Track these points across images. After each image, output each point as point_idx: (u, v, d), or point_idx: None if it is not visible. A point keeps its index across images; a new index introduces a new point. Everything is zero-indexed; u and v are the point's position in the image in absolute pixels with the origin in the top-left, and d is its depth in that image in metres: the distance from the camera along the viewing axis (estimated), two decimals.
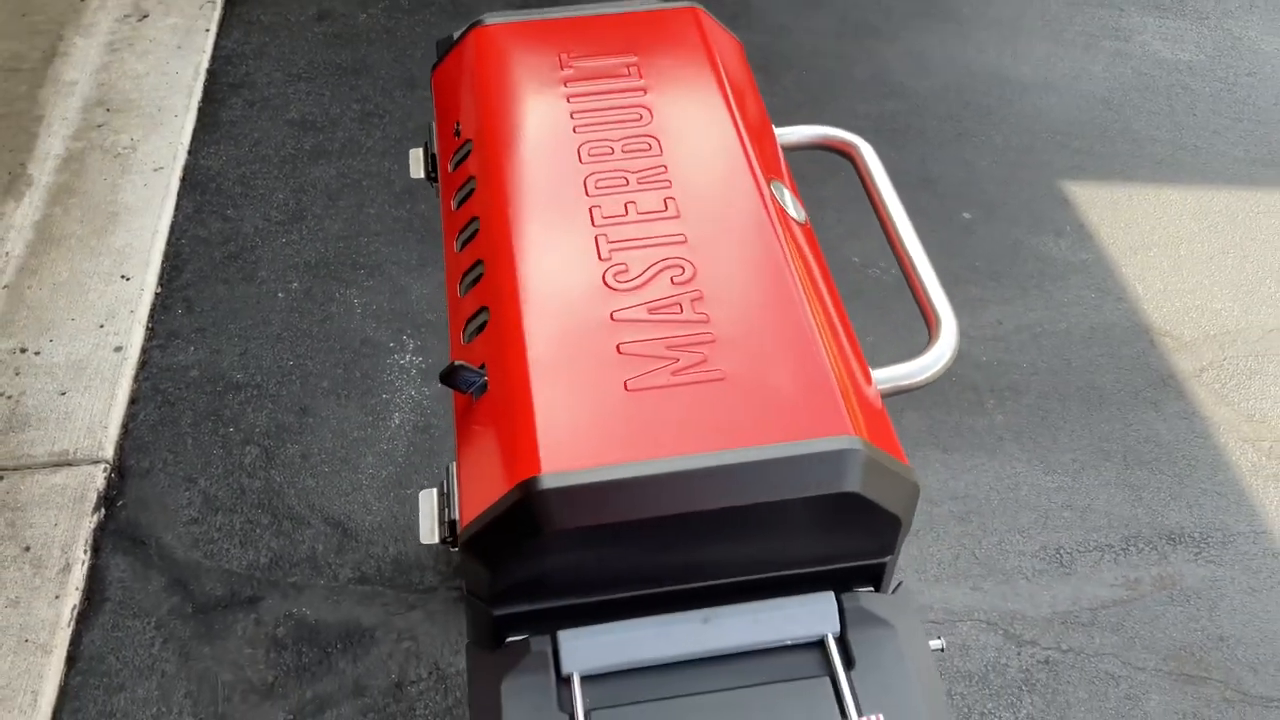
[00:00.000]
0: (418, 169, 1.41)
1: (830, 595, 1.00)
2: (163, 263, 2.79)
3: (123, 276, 2.69)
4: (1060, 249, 3.05)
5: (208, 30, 3.46)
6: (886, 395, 1.09)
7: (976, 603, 2.25)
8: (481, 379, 1.01)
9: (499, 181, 1.16)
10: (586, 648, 0.97)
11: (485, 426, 0.99)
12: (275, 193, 3.03)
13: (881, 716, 0.92)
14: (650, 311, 1.03)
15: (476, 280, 1.11)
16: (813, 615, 0.99)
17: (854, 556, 1.00)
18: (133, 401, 2.49)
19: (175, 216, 2.91)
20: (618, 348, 1.01)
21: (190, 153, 3.10)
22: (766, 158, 1.22)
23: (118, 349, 2.53)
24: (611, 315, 1.03)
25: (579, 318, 1.03)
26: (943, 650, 1.02)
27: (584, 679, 0.96)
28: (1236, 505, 2.46)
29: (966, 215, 3.12)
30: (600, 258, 1.08)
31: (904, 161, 3.25)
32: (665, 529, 0.92)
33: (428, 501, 1.05)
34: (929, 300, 1.18)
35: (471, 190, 1.19)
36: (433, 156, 1.38)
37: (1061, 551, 2.36)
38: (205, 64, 3.36)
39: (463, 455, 1.01)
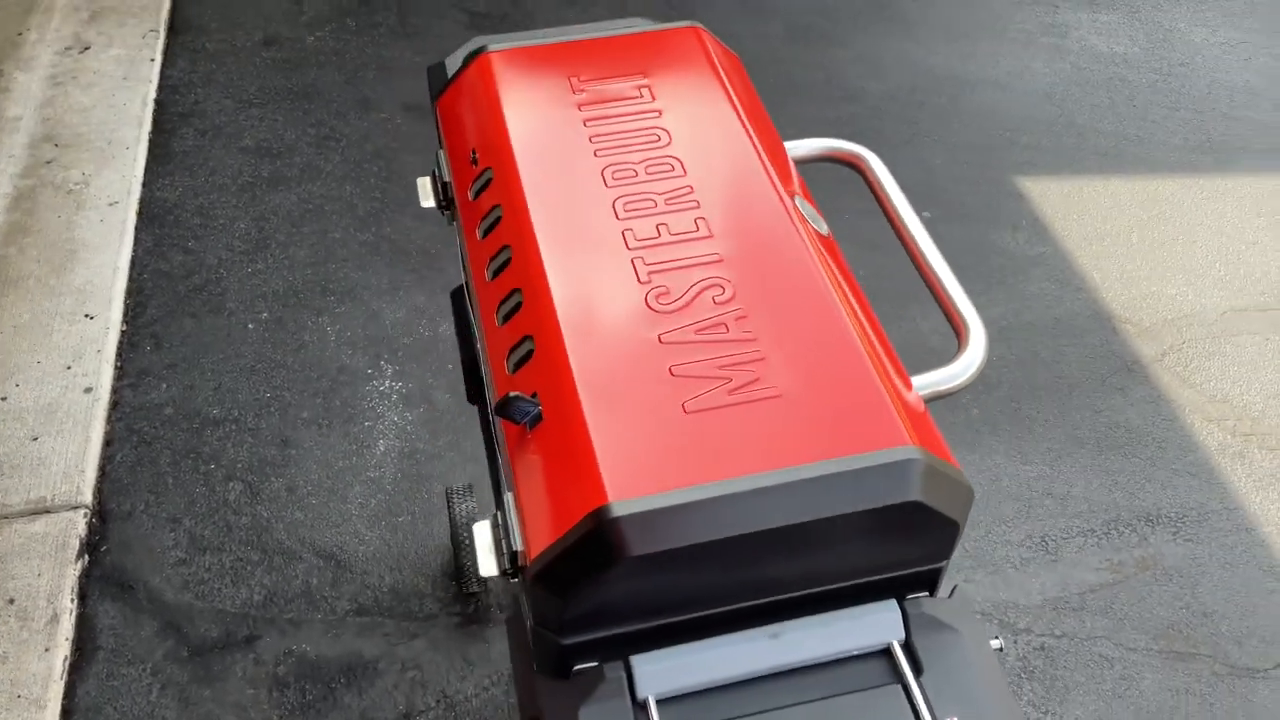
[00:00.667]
0: (427, 198, 1.40)
1: (893, 603, 1.01)
2: (126, 299, 2.73)
3: (86, 315, 2.63)
4: (1019, 243, 3.13)
5: (152, 60, 3.40)
6: (926, 401, 1.11)
7: (970, 595, 2.29)
8: (536, 409, 1.01)
9: (528, 209, 1.16)
10: (660, 671, 0.97)
11: (544, 456, 0.99)
12: (236, 222, 2.98)
13: None
14: (697, 332, 1.04)
15: (516, 309, 1.11)
16: (878, 624, 1.00)
17: (912, 563, 1.02)
18: (108, 443, 2.43)
19: (135, 251, 2.85)
20: (670, 370, 1.01)
21: (145, 185, 3.04)
22: (784, 174, 1.24)
23: (88, 390, 2.47)
24: (659, 338, 1.04)
25: (627, 342, 1.03)
26: (1001, 650, 1.04)
27: (659, 702, 0.96)
28: (1208, 484, 2.54)
29: (927, 214, 3.18)
30: (640, 281, 1.09)
31: None
32: (734, 549, 0.93)
33: (483, 534, 1.04)
34: (955, 307, 1.20)
35: (498, 218, 1.19)
36: (443, 185, 1.37)
37: (1046, 539, 2.41)
38: (152, 94, 3.30)
39: (522, 486, 1.00)
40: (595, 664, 0.99)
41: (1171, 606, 2.30)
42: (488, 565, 1.03)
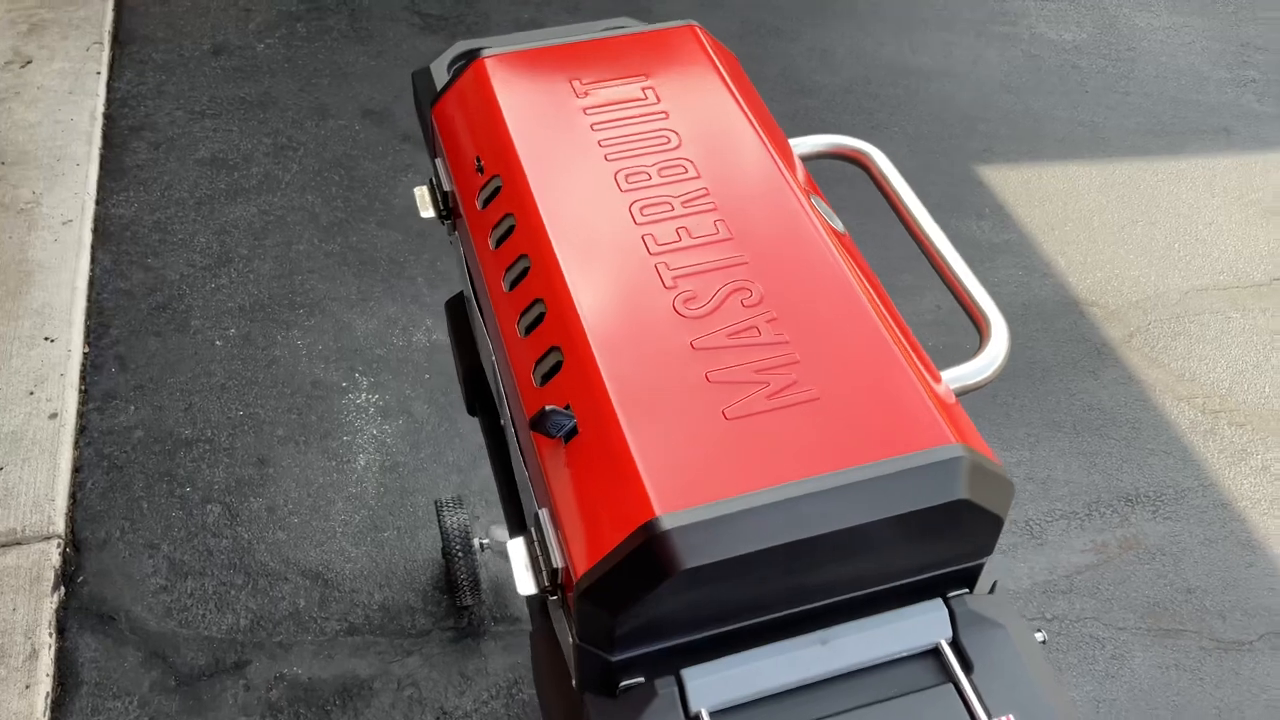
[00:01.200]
0: (426, 208, 1.37)
1: (939, 602, 1.01)
2: (87, 320, 2.65)
3: (46, 338, 2.54)
4: (984, 231, 3.16)
5: (98, 73, 3.30)
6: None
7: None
8: (572, 421, 0.98)
9: (542, 216, 1.13)
10: (713, 684, 0.95)
11: (583, 470, 0.97)
12: (196, 236, 2.90)
13: (1013, 717, 0.94)
14: (729, 336, 1.03)
15: (539, 320, 1.08)
16: (926, 624, 1.00)
17: (955, 561, 1.01)
18: (77, 470, 2.35)
19: (93, 270, 2.77)
20: (706, 376, 1.00)
21: (99, 202, 2.95)
22: (796, 173, 1.23)
23: (53, 416, 2.39)
24: (692, 344, 1.02)
25: (660, 349, 1.02)
26: (1044, 643, 1.04)
27: (713, 714, 0.95)
28: (1182, 462, 2.58)
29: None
30: (665, 286, 1.07)
31: None
32: (785, 556, 0.92)
33: (518, 551, 1.02)
34: (974, 302, 1.20)
35: (512, 227, 1.16)
36: (444, 194, 1.34)
37: (1031, 524, 2.43)
38: (101, 108, 3.20)
39: (560, 501, 0.98)
40: (642, 679, 0.97)
41: (1156, 585, 2.34)
42: (525, 584, 1.00)
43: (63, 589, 2.15)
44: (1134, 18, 4.08)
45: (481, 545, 2.09)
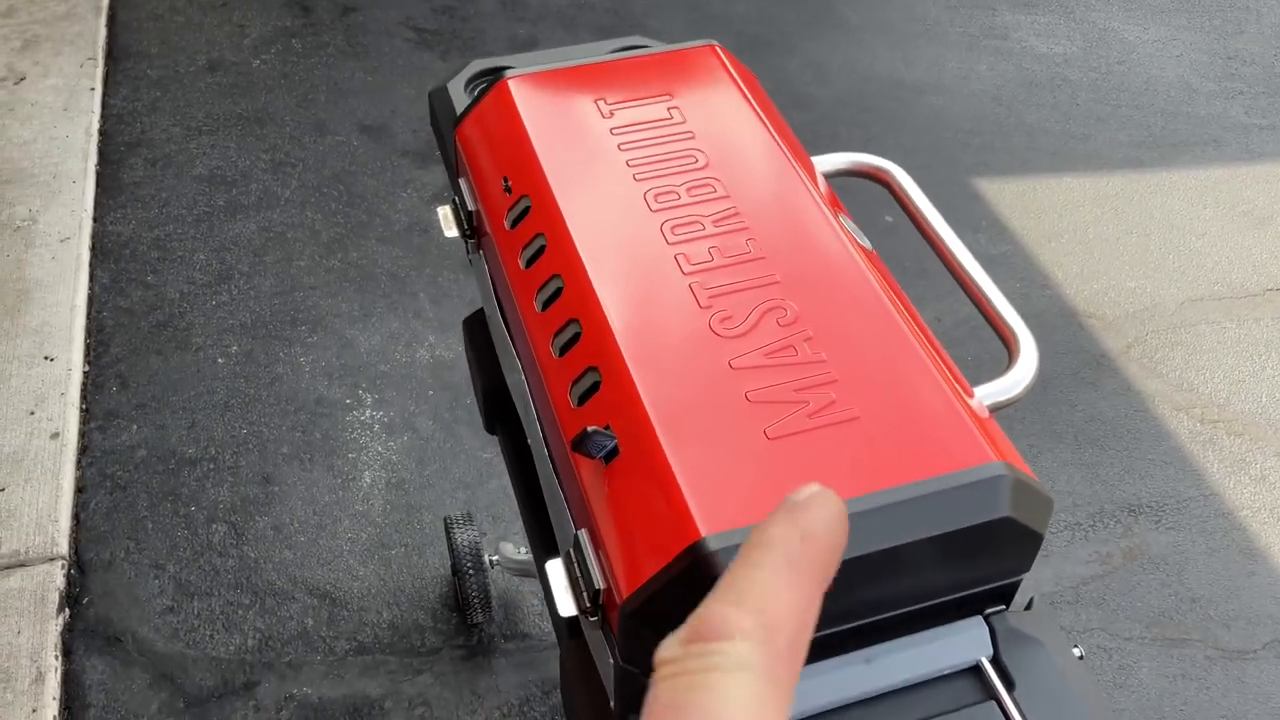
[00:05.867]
0: (450, 228, 1.36)
1: (979, 619, 1.01)
2: (87, 339, 2.63)
3: (46, 357, 2.53)
4: (980, 243, 3.18)
5: (93, 89, 3.29)
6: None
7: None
8: (613, 442, 0.98)
9: (574, 237, 1.14)
10: None
11: (625, 491, 0.97)
12: (195, 254, 2.89)
13: None
14: (766, 356, 1.03)
15: (574, 340, 1.08)
16: (967, 641, 1.00)
17: (995, 578, 1.02)
18: (80, 490, 2.33)
19: (92, 288, 2.75)
20: (746, 395, 1.00)
21: (96, 220, 2.93)
22: (823, 191, 1.24)
23: (54, 435, 2.37)
24: (730, 364, 1.02)
25: (698, 369, 1.02)
26: (1082, 658, 1.05)
27: None
28: (1183, 472, 2.60)
29: (889, 219, 3.21)
30: (700, 305, 1.07)
31: None
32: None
33: (557, 573, 1.02)
34: (1002, 319, 1.21)
35: (543, 248, 1.16)
36: (468, 214, 1.34)
37: None
38: (96, 124, 3.19)
39: (601, 522, 0.98)
40: None
41: (1160, 594, 2.35)
42: (566, 605, 1.00)
43: (68, 611, 2.13)
44: (1123, 31, 4.13)
45: (492, 562, 2.08)
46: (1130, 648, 2.25)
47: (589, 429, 0.98)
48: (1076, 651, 1.05)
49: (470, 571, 2.05)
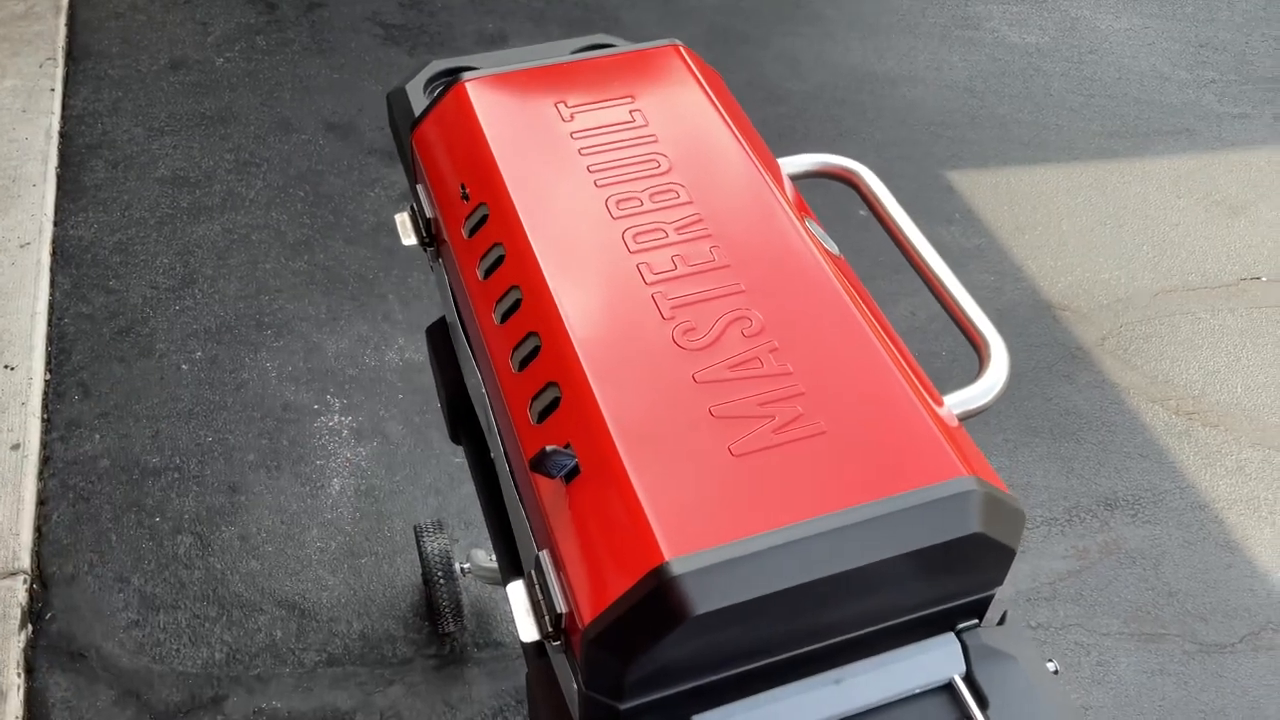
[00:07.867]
0: (408, 236, 1.33)
1: (951, 636, 0.99)
2: (48, 346, 2.57)
3: (5, 366, 2.47)
4: (954, 236, 3.16)
5: (52, 90, 3.22)
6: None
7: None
8: (573, 461, 0.95)
9: (534, 246, 1.10)
10: None
11: (586, 512, 0.94)
12: (158, 257, 2.84)
13: None
14: (731, 369, 1.00)
15: (534, 354, 1.05)
16: (939, 658, 0.98)
17: (967, 593, 0.99)
18: (42, 502, 2.28)
19: (53, 294, 2.69)
20: (710, 411, 0.97)
21: (57, 224, 2.87)
22: (788, 195, 1.21)
23: (15, 447, 2.32)
24: (694, 377, 1.00)
25: (662, 384, 0.99)
26: (1057, 673, 1.03)
27: None
28: (1159, 464, 2.60)
29: (862, 213, 3.18)
30: (663, 317, 1.04)
31: None
32: (799, 597, 0.89)
33: (518, 595, 0.99)
34: (973, 324, 1.18)
35: (501, 258, 1.13)
36: (426, 221, 1.30)
37: None
38: (56, 126, 3.12)
39: (563, 544, 0.95)
40: None
41: (1138, 589, 2.34)
42: (528, 630, 0.97)
43: (30, 627, 2.08)
44: (1095, 20, 4.12)
45: (463, 570, 2.05)
46: (1108, 644, 2.24)
47: (548, 449, 0.95)
48: (1051, 666, 1.03)
49: (441, 580, 2.02)
